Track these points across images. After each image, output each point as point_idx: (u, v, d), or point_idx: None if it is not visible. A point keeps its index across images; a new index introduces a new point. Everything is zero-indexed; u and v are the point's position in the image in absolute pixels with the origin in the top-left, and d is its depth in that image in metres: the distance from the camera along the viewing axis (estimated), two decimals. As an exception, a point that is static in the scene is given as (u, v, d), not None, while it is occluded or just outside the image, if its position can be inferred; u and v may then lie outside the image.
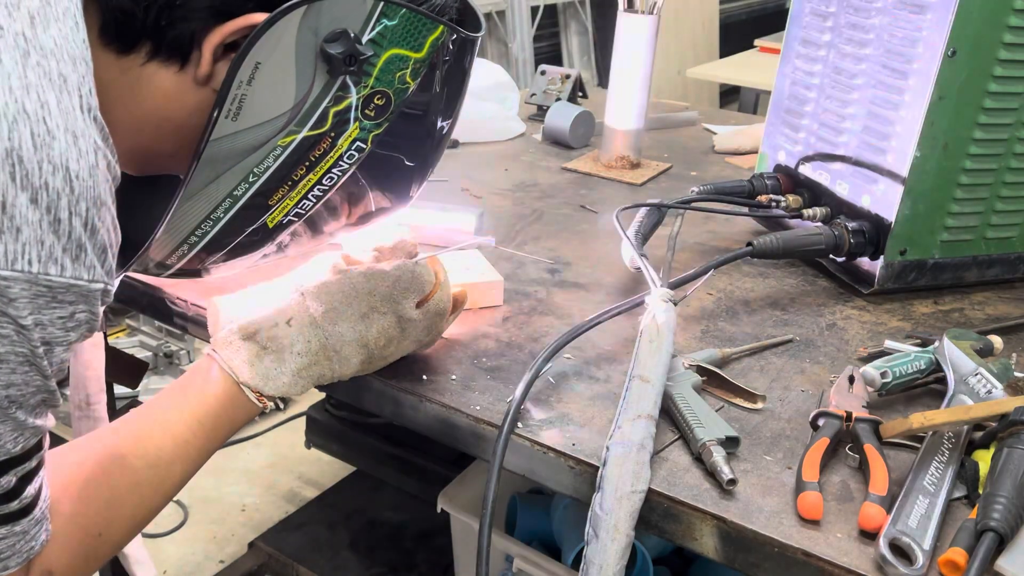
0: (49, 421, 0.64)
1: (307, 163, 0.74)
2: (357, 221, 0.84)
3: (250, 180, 0.73)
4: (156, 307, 1.08)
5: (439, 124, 0.79)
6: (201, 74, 0.68)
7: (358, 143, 0.74)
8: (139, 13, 0.65)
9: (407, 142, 0.78)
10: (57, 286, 0.57)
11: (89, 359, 1.26)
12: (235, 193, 0.74)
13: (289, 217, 0.77)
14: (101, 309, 0.62)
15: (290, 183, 0.74)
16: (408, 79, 0.73)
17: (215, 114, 0.68)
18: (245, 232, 0.77)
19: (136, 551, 1.45)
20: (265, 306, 0.85)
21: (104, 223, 0.59)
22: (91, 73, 0.60)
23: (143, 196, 0.77)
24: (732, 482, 0.76)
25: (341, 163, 0.75)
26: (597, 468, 0.77)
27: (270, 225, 0.77)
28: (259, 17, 0.67)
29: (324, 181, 0.75)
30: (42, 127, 0.55)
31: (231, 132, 0.70)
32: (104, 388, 1.28)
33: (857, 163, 1.15)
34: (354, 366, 0.86)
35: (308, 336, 0.83)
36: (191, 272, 0.82)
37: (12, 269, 0.54)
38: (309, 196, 0.76)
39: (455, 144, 1.72)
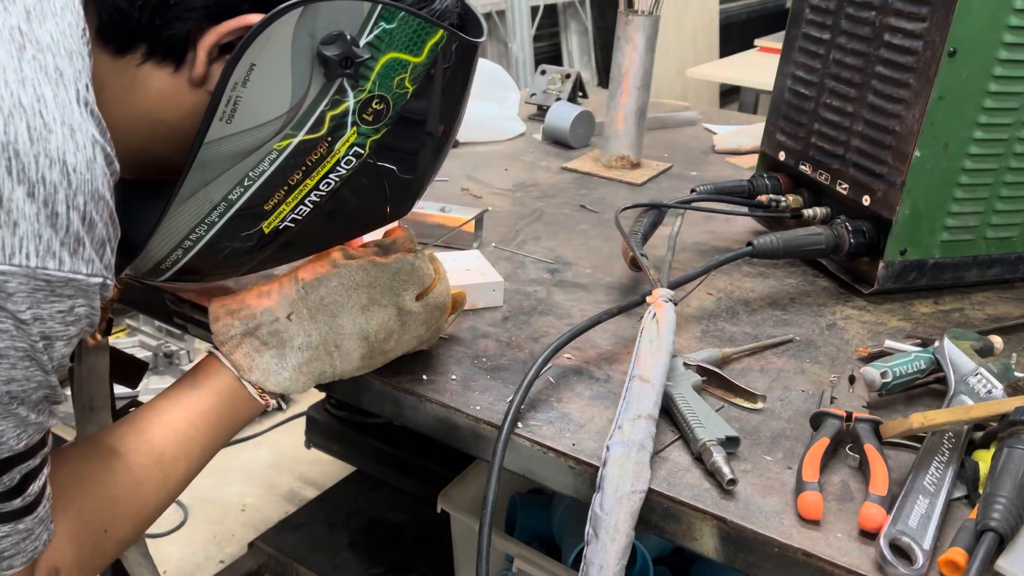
0: (52, 418, 0.63)
1: (303, 168, 0.73)
2: (356, 228, 0.83)
3: (245, 184, 0.72)
4: (156, 307, 1.08)
5: (440, 130, 0.79)
6: (196, 75, 0.68)
7: (355, 148, 0.73)
8: (134, 13, 0.65)
9: (406, 148, 0.77)
10: (55, 280, 0.57)
11: (93, 363, 1.25)
12: (230, 197, 0.73)
13: (285, 223, 0.76)
14: (100, 304, 0.62)
15: (286, 188, 0.74)
16: (407, 84, 0.72)
17: (209, 116, 0.68)
18: (240, 237, 0.76)
19: (139, 559, 1.44)
20: (265, 302, 0.85)
21: (102, 217, 0.59)
22: (88, 68, 0.60)
23: (142, 201, 0.76)
24: (732, 482, 0.76)
25: (338, 168, 0.74)
26: (597, 468, 0.77)
27: (266, 231, 0.76)
28: (254, 18, 0.66)
29: (321, 186, 0.75)
30: (38, 121, 0.55)
31: (226, 135, 0.69)
32: (108, 393, 1.27)
33: (857, 163, 1.15)
34: (355, 361, 0.85)
35: (308, 330, 0.83)
36: (187, 278, 0.82)
37: (10, 263, 0.54)
38: (306, 201, 0.75)
39: (455, 144, 1.72)
